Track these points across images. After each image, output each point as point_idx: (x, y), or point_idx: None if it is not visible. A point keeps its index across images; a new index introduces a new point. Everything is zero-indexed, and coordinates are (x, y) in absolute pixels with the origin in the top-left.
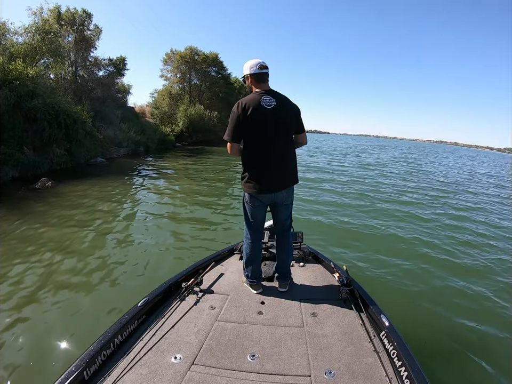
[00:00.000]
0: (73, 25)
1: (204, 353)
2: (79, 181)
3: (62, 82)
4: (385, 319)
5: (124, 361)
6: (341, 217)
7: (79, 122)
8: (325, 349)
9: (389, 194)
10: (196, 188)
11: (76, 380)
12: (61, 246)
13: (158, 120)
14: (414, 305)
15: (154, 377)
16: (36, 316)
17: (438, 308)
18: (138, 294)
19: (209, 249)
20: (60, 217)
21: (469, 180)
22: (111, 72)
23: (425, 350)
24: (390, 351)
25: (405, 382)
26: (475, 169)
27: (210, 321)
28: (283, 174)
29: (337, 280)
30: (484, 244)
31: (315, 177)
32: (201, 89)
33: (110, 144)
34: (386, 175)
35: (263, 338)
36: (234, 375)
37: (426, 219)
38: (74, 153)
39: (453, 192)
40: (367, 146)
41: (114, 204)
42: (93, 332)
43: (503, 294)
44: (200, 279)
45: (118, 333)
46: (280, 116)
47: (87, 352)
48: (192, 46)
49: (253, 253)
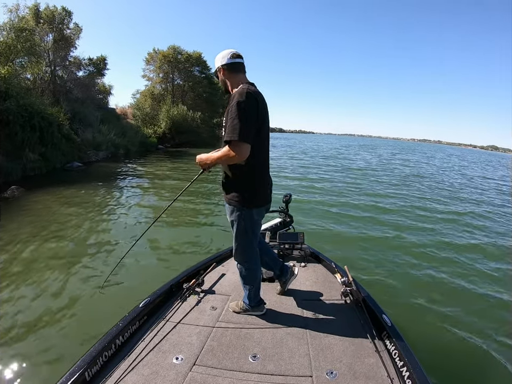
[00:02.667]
0: (52, 23)
1: (205, 354)
2: (50, 188)
3: (39, 82)
4: (387, 319)
5: (125, 362)
6: (344, 218)
7: (55, 125)
8: (326, 349)
9: (386, 192)
10: (177, 194)
11: (78, 381)
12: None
13: (139, 121)
14: (416, 305)
15: (156, 378)
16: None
17: (440, 308)
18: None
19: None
20: (22, 231)
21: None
22: (91, 72)
23: (426, 350)
24: (392, 351)
25: (406, 382)
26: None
27: (211, 322)
28: (270, 178)
29: (338, 280)
30: (490, 245)
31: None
32: (184, 90)
33: (88, 147)
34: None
35: (264, 339)
36: (236, 375)
37: (430, 221)
38: (50, 158)
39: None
40: (361, 147)
41: (84, 214)
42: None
43: (507, 296)
44: (201, 279)
45: (120, 334)
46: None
47: (88, 353)
48: (175, 45)
49: (260, 274)
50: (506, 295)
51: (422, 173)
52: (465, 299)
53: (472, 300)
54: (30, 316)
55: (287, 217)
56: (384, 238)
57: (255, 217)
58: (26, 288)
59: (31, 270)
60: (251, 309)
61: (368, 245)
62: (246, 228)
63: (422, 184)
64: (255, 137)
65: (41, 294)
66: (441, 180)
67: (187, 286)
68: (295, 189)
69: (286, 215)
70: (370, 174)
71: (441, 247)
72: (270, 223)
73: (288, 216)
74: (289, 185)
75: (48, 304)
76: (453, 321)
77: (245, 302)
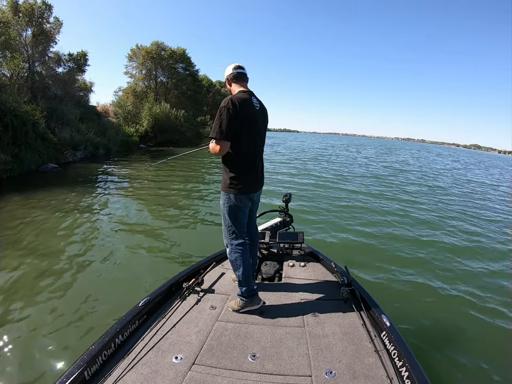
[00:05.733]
0: (31, 17)
1: (204, 353)
2: (18, 192)
3: (15, 78)
4: (386, 319)
5: (124, 361)
6: (342, 219)
7: (29, 124)
8: (325, 349)
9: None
10: (161, 198)
11: (77, 380)
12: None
13: (121, 120)
14: (416, 305)
15: (155, 377)
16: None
17: (440, 308)
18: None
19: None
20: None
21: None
22: (71, 68)
23: (426, 350)
24: (391, 351)
25: (405, 382)
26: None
27: (211, 321)
28: (261, 174)
29: (338, 280)
30: (492, 247)
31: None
32: (168, 87)
33: (66, 147)
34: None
35: (263, 338)
36: (235, 375)
37: (432, 222)
38: (23, 159)
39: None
40: (349, 147)
41: (53, 219)
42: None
43: (508, 298)
44: (201, 279)
45: (119, 333)
46: (263, 118)
47: (87, 352)
48: (158, 41)
49: (248, 261)
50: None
51: (447, 188)
52: (466, 299)
53: (476, 300)
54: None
55: (287, 217)
56: (383, 237)
57: (237, 203)
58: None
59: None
60: (247, 302)
61: (368, 245)
62: (229, 211)
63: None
64: (239, 135)
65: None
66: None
67: (187, 285)
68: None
69: (286, 214)
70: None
71: (443, 247)
72: (270, 223)
73: (288, 215)
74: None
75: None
76: (456, 322)
77: (240, 297)
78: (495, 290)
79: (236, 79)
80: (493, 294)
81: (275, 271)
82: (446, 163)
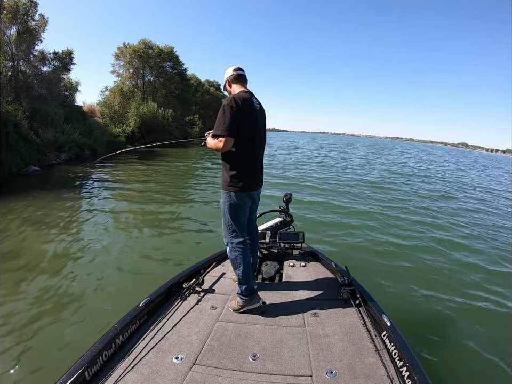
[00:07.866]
0: (16, 14)
1: (205, 354)
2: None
3: None
4: (387, 319)
5: (125, 361)
6: (340, 217)
7: (10, 124)
8: (326, 349)
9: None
10: (148, 203)
11: (77, 380)
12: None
13: (108, 120)
14: (416, 304)
15: (156, 378)
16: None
17: (441, 308)
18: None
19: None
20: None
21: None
22: (56, 67)
23: (427, 349)
24: (392, 351)
25: (406, 381)
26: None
27: (211, 322)
28: (261, 173)
29: (338, 279)
30: (496, 245)
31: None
32: (155, 86)
33: (49, 148)
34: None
35: (264, 339)
36: (236, 375)
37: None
38: (4, 162)
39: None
40: (345, 146)
41: (36, 230)
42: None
43: (508, 299)
44: (201, 279)
45: (119, 333)
46: (262, 118)
47: (88, 352)
48: (146, 39)
49: (248, 259)
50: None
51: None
52: (467, 299)
53: (474, 300)
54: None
55: (287, 217)
56: (384, 237)
57: (237, 201)
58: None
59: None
60: (247, 301)
61: (368, 245)
62: (230, 209)
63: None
64: (241, 134)
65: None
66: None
67: (187, 286)
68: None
69: (286, 214)
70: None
71: (446, 248)
72: (270, 223)
73: (288, 215)
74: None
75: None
76: (456, 322)
77: (240, 296)
78: (496, 291)
79: (236, 80)
80: (494, 295)
81: (275, 271)
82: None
